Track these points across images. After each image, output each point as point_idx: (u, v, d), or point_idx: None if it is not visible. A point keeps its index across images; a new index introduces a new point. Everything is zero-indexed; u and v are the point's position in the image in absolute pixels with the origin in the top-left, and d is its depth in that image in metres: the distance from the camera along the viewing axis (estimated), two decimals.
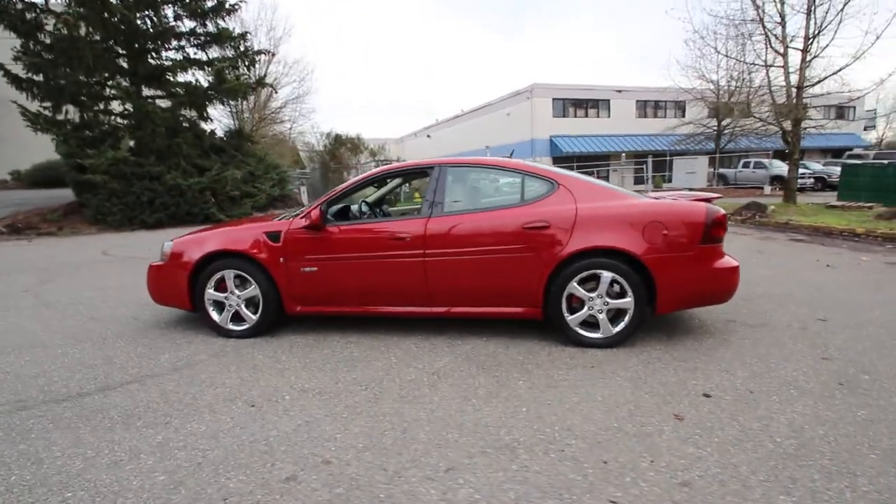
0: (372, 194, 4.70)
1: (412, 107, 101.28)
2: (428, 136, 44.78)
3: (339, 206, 4.04)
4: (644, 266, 3.31)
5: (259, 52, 19.20)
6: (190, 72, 17.95)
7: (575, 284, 3.41)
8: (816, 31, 13.77)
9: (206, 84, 17.78)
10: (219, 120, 25.72)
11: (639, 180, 27.09)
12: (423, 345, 3.62)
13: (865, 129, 40.48)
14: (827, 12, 13.69)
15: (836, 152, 32.76)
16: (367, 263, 3.60)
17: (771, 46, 14.38)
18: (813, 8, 13.93)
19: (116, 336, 4.07)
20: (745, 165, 25.17)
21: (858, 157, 26.76)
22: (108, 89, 16.34)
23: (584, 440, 2.28)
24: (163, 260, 3.98)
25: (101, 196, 14.83)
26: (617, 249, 3.31)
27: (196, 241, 3.91)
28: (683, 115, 30.66)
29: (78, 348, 3.79)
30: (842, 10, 13.50)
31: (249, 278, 3.76)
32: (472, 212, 3.55)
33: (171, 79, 17.27)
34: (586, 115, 31.98)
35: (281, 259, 3.69)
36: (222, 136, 20.16)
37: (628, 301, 3.38)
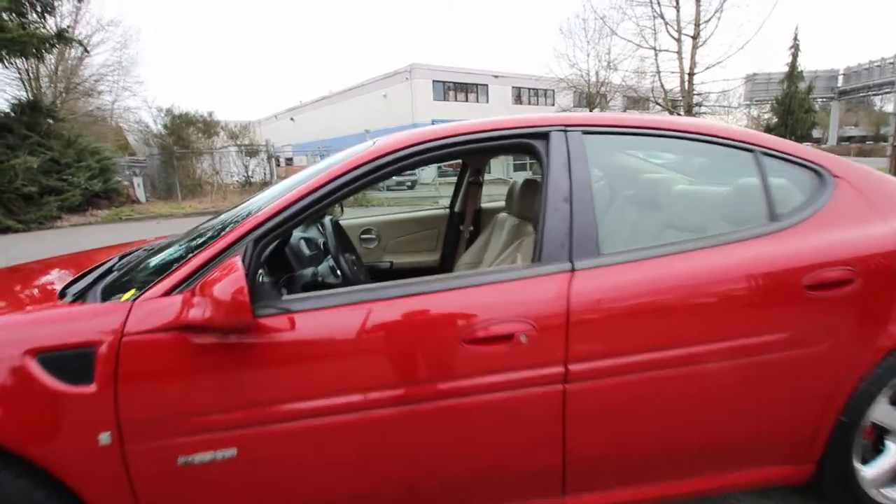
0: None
1: (271, 87, 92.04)
2: (291, 118, 40.02)
3: (275, 243, 1.52)
4: None
5: None
6: None
7: (886, 404, 1.50)
8: (707, 18, 13.98)
9: None
10: (0, 90, 19.10)
11: (519, 167, 26.94)
12: None
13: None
14: (711, 3, 13.99)
15: None
16: (398, 418, 1.22)
17: (667, 32, 14.36)
18: None
19: None
20: None
21: None
22: None
23: None
24: None
25: None
26: None
27: None
28: (553, 104, 31.47)
29: None
30: (722, 4, 13.88)
31: None
32: (666, 252, 1.37)
33: None
34: (466, 100, 30.88)
35: (103, 436, 1.12)
36: (8, 110, 14.55)
37: None
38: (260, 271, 1.29)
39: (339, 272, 1.58)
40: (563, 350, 1.24)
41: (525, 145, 1.42)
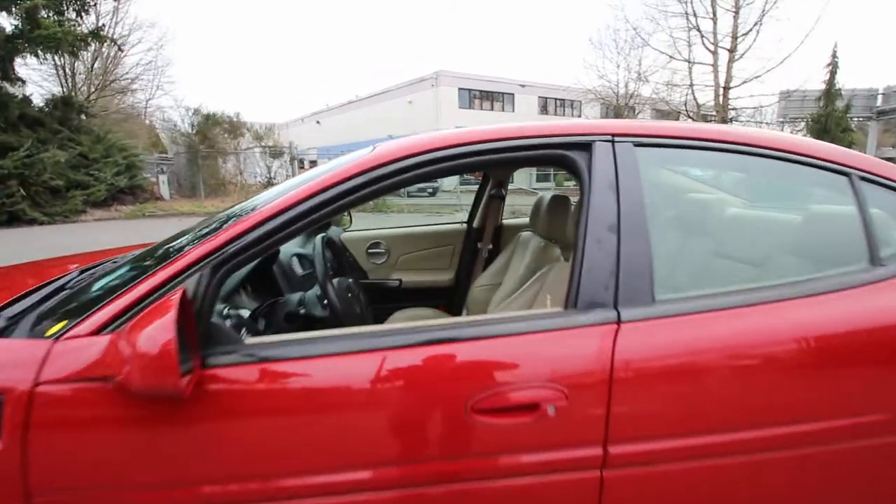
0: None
1: (298, 89, 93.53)
2: (317, 122, 40.40)
3: (242, 267, 1.23)
4: None
5: None
6: None
7: None
8: (744, 32, 13.49)
9: (10, 30, 12.79)
10: (38, 84, 19.68)
11: (542, 178, 26.60)
12: None
13: None
14: (750, 15, 13.48)
15: None
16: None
17: (703, 44, 13.92)
18: (738, 9, 13.65)
19: None
20: None
21: None
22: None
23: None
24: None
25: None
26: None
27: None
28: (580, 115, 31.04)
29: None
30: (761, 17, 13.37)
31: None
32: (740, 303, 1.05)
33: None
34: (491, 109, 30.67)
35: None
36: (43, 105, 14.94)
37: None
38: (225, 305, 1.05)
39: (326, 302, 1.32)
40: (603, 427, 0.95)
41: (560, 157, 1.14)
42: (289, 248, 1.90)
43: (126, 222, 12.63)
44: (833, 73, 45.66)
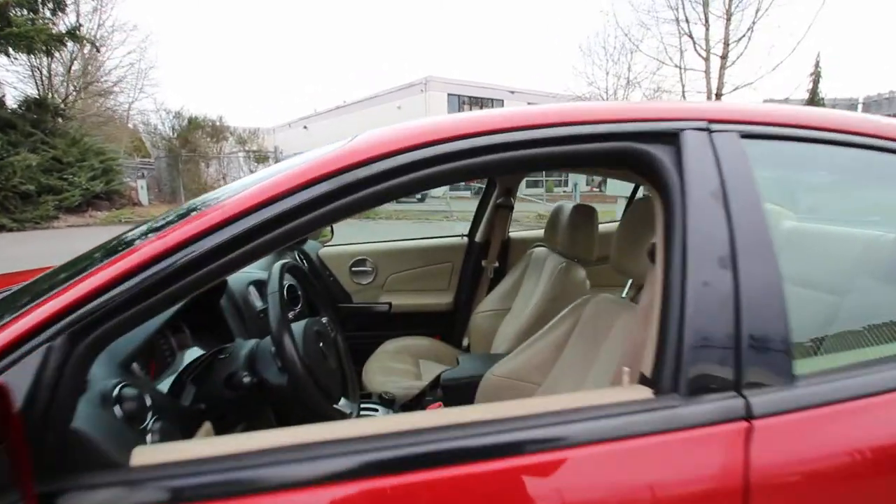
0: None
1: (283, 91, 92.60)
2: (305, 127, 39.85)
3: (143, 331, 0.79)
4: None
5: None
6: None
7: None
8: (737, 38, 13.38)
9: None
10: (13, 86, 18.97)
11: (531, 184, 26.43)
12: None
13: None
14: (742, 22, 13.40)
15: None
16: None
17: (695, 50, 13.79)
18: (730, 15, 13.55)
19: None
20: None
21: None
22: None
23: None
24: None
25: None
26: None
27: None
28: None
29: None
30: (753, 24, 13.28)
31: None
32: None
33: None
34: None
35: None
36: (16, 107, 14.33)
37: None
38: (120, 381, 0.66)
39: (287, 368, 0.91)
40: None
41: (629, 153, 0.75)
42: (245, 274, 1.50)
43: (100, 229, 12.06)
44: (816, 83, 46.63)
